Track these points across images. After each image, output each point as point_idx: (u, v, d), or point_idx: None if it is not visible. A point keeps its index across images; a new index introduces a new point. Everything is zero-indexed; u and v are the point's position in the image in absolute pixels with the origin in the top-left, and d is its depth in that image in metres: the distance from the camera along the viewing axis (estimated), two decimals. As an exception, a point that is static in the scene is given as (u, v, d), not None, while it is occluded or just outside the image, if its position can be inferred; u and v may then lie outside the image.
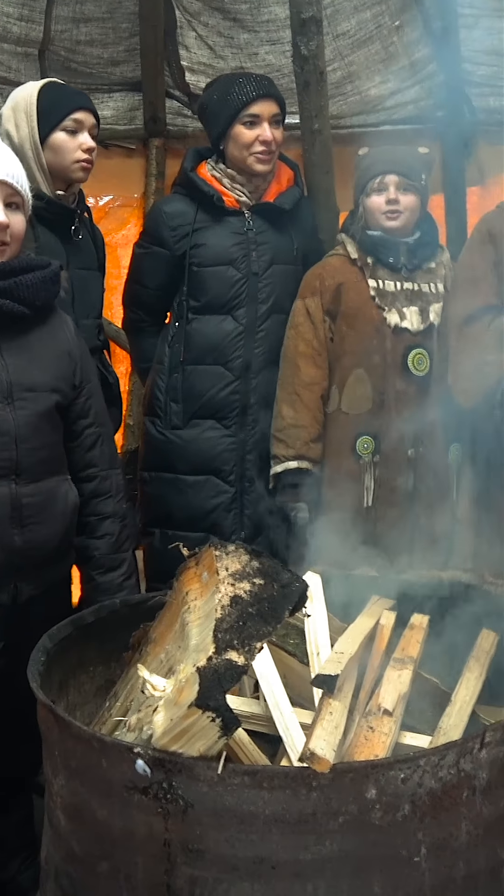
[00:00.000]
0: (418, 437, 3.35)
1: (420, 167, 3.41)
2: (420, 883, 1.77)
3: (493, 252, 3.31)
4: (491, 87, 4.94)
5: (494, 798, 1.82)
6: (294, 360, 3.40)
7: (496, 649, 2.38)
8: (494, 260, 3.30)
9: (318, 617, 2.26)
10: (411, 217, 3.39)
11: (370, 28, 4.65)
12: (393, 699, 2.05)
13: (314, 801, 1.71)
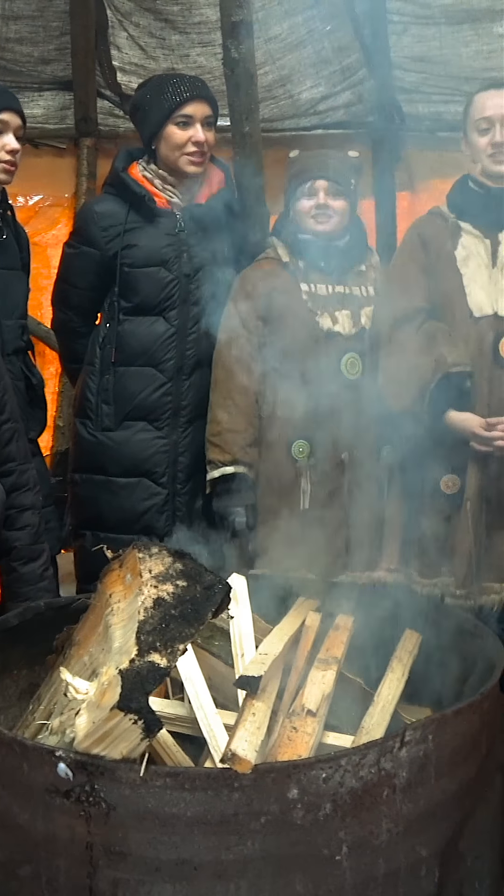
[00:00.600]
0: (352, 441, 3.38)
1: (349, 172, 3.44)
2: (341, 881, 1.79)
3: (424, 257, 3.35)
4: (420, 94, 5.01)
5: (414, 796, 1.85)
6: (227, 364, 3.40)
7: (419, 649, 2.42)
8: (425, 264, 3.34)
9: (243, 618, 2.27)
10: (341, 221, 3.42)
11: (301, 32, 4.69)
12: (316, 699, 2.06)
13: (236, 801, 1.72)
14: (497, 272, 3.23)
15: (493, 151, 3.22)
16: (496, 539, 3.25)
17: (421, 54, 4.86)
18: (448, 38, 4.76)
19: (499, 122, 3.21)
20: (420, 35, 4.81)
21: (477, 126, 3.25)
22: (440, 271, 3.30)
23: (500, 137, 3.21)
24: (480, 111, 3.25)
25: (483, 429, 3.14)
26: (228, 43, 3.63)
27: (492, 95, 3.26)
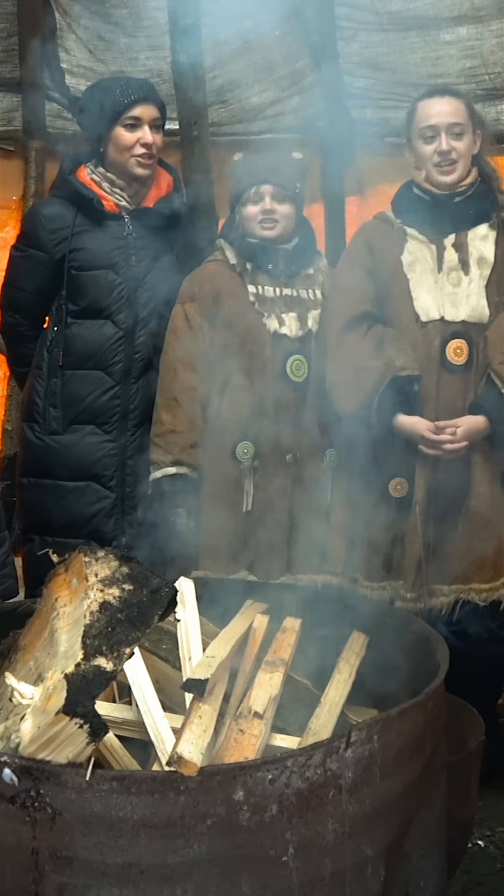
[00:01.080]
0: (296, 443, 3.39)
1: (295, 175, 3.45)
2: (288, 882, 1.80)
3: (371, 261, 3.37)
4: (369, 99, 5.04)
5: (360, 796, 1.86)
6: (173, 365, 3.40)
7: (365, 651, 2.44)
8: (372, 268, 3.37)
9: (190, 622, 2.28)
10: (287, 225, 3.43)
11: (250, 37, 4.70)
12: (263, 702, 2.07)
13: (182, 804, 1.72)
14: (443, 277, 3.26)
15: (439, 160, 3.25)
16: (444, 542, 3.28)
17: (369, 60, 4.90)
18: (396, 45, 4.81)
19: (444, 130, 3.24)
20: (368, 41, 4.85)
21: (422, 134, 3.28)
22: (387, 276, 3.32)
23: (446, 145, 3.24)
24: (425, 119, 3.28)
25: (431, 432, 3.17)
26: (177, 47, 3.64)
27: (435, 103, 3.29)
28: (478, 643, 3.26)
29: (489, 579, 3.25)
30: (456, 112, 3.26)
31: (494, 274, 3.26)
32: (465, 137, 3.28)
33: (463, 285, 3.24)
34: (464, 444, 3.17)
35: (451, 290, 3.24)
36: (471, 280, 3.24)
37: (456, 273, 3.25)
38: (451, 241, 3.29)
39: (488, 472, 3.26)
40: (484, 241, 3.28)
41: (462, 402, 3.24)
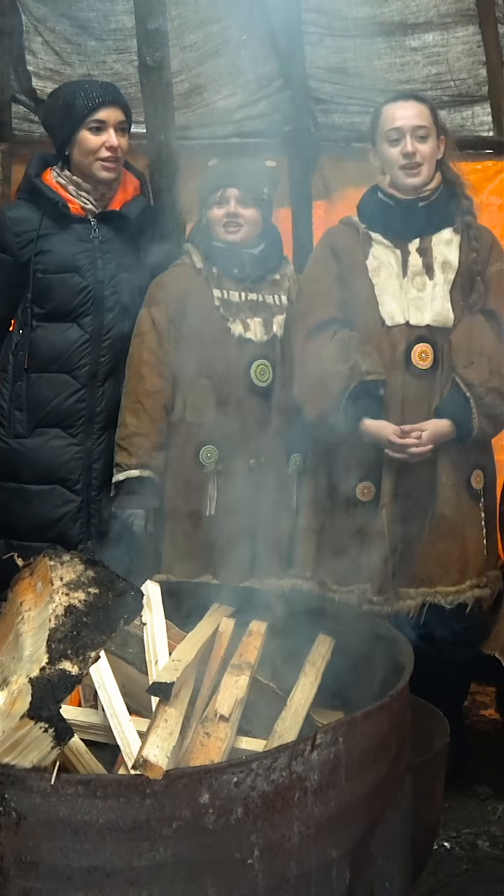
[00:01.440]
0: (260, 447, 3.40)
1: (262, 181, 3.46)
2: (254, 884, 1.81)
3: (337, 266, 3.39)
4: (336, 105, 5.05)
5: (325, 798, 1.87)
6: (138, 368, 3.40)
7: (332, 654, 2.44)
8: (337, 273, 3.38)
9: (156, 625, 2.28)
10: (252, 230, 3.44)
11: (217, 41, 4.70)
12: (229, 705, 2.08)
13: (148, 807, 1.72)
14: (407, 282, 3.28)
15: (405, 163, 3.28)
16: (411, 545, 3.29)
17: (336, 65, 4.91)
18: (362, 50, 4.82)
19: (409, 133, 3.27)
20: (335, 47, 4.85)
21: (387, 137, 3.30)
22: (352, 281, 3.34)
23: (411, 147, 3.26)
24: (390, 122, 3.30)
25: (397, 436, 3.18)
26: (144, 50, 3.64)
27: (400, 106, 3.31)
28: (444, 646, 3.28)
29: (455, 582, 3.28)
30: (420, 115, 3.29)
31: (459, 278, 3.29)
32: (430, 141, 3.30)
33: (427, 290, 3.27)
34: (429, 447, 3.19)
35: (416, 295, 3.27)
36: (435, 284, 3.27)
37: (420, 278, 3.28)
38: (416, 246, 3.32)
39: (454, 476, 3.28)
40: (448, 246, 3.31)
41: (427, 405, 3.26)
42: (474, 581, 3.31)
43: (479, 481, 3.36)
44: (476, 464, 3.35)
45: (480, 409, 3.21)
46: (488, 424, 3.25)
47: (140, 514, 3.37)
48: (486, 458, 3.42)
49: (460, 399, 3.22)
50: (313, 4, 4.75)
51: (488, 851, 3.13)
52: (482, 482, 3.37)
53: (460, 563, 3.29)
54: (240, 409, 3.37)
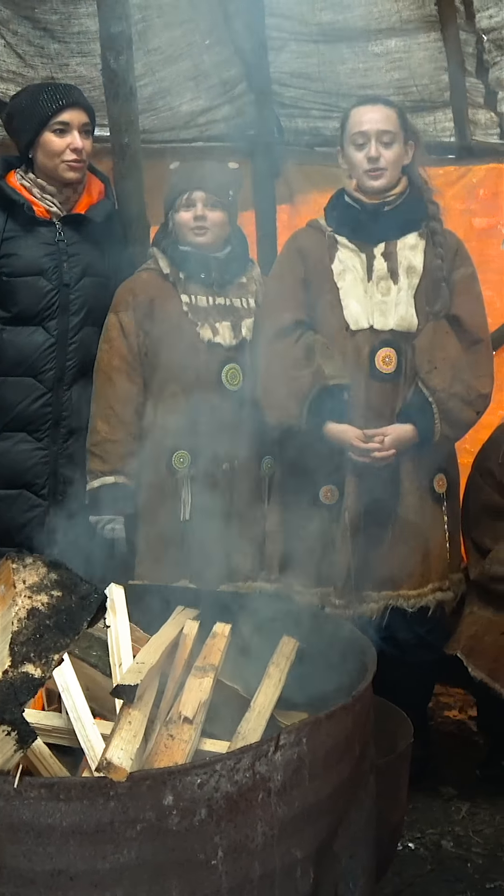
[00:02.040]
0: (232, 451, 3.41)
1: (228, 183, 3.47)
2: (217, 885, 1.81)
3: (302, 269, 3.40)
4: (299, 109, 5.07)
5: (289, 799, 1.88)
6: (108, 374, 3.40)
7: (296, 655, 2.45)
8: (303, 276, 3.40)
9: (120, 628, 2.28)
10: (220, 233, 3.45)
11: (181, 45, 4.69)
12: (193, 707, 2.08)
13: (112, 810, 1.72)
14: (372, 286, 3.30)
15: (370, 167, 3.30)
16: (374, 549, 3.31)
17: (299, 70, 4.92)
18: (326, 56, 4.84)
19: (374, 137, 3.29)
20: (298, 52, 4.87)
21: (353, 140, 3.33)
22: (317, 284, 3.36)
23: (375, 152, 3.28)
24: (357, 125, 3.32)
25: (360, 440, 3.20)
26: (107, 54, 3.64)
27: (367, 110, 3.34)
28: (407, 648, 3.31)
29: (417, 585, 3.31)
30: (387, 120, 3.31)
31: (423, 283, 3.31)
32: (395, 146, 3.32)
33: (392, 294, 3.29)
34: (392, 451, 3.21)
35: (381, 299, 3.28)
36: (400, 289, 3.29)
37: (385, 282, 3.30)
38: (381, 250, 3.34)
39: (416, 480, 3.31)
40: (413, 251, 3.33)
41: (391, 409, 3.29)
42: (437, 584, 3.34)
43: (442, 485, 3.39)
44: (439, 468, 3.38)
45: (443, 414, 3.23)
46: (450, 429, 3.28)
47: (118, 520, 3.36)
48: (449, 462, 3.45)
49: (423, 404, 3.25)
50: (277, 10, 4.76)
51: (452, 851, 3.15)
52: (445, 486, 3.40)
53: (423, 566, 3.31)
54: (211, 413, 3.37)
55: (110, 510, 3.37)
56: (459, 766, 3.67)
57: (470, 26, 4.62)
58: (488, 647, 3.31)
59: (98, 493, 3.37)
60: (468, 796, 3.48)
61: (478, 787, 3.54)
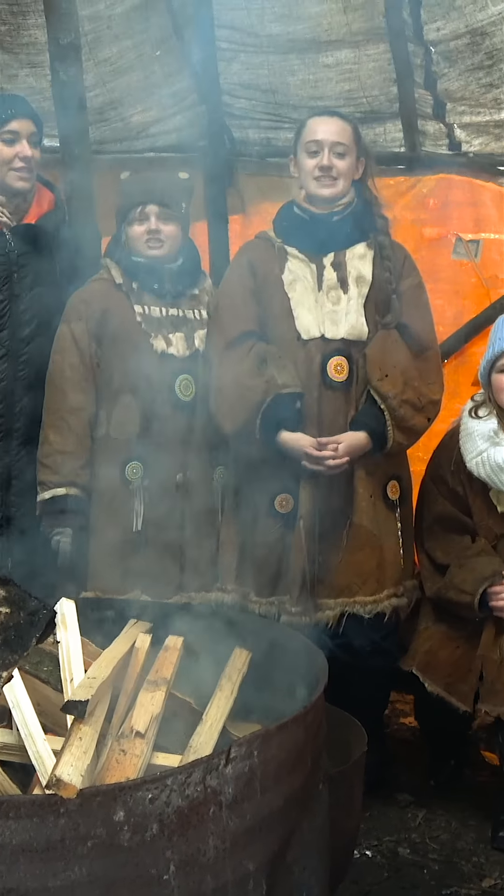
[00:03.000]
0: (186, 462, 3.41)
1: (180, 195, 3.48)
2: (170, 900, 1.81)
3: (253, 280, 3.42)
4: (250, 120, 5.09)
5: (241, 812, 1.88)
6: (60, 385, 3.38)
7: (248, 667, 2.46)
8: (253, 287, 3.41)
9: (71, 643, 2.26)
10: (173, 245, 3.45)
11: (131, 57, 4.70)
12: (145, 721, 2.08)
13: (62, 827, 1.71)
14: (322, 296, 3.32)
15: (320, 174, 3.33)
16: (329, 556, 3.32)
17: (250, 81, 4.94)
18: (276, 67, 4.86)
19: (328, 147, 3.32)
20: (249, 63, 4.88)
21: (307, 148, 3.35)
22: (268, 295, 3.37)
23: (327, 161, 3.31)
24: (312, 134, 3.35)
25: (314, 448, 3.21)
26: (56, 65, 3.63)
27: (324, 121, 3.37)
28: (362, 655, 3.32)
29: (373, 592, 3.32)
30: (341, 132, 3.35)
31: (372, 292, 3.34)
32: (348, 158, 3.36)
33: (342, 303, 3.31)
34: (345, 459, 3.23)
35: (331, 309, 3.31)
36: (349, 298, 3.31)
37: (335, 291, 3.32)
38: (331, 260, 3.36)
39: (370, 487, 3.33)
40: (362, 261, 3.36)
41: (343, 418, 3.31)
42: (392, 590, 3.36)
43: (395, 492, 3.41)
44: (392, 475, 3.41)
45: (395, 420, 3.27)
46: (402, 436, 3.31)
47: (67, 532, 3.34)
48: (402, 469, 3.48)
49: (375, 411, 3.27)
50: (226, 21, 4.77)
51: (409, 858, 3.17)
52: (398, 493, 3.42)
53: (378, 572, 3.33)
54: (165, 424, 3.37)
55: (61, 522, 3.35)
56: (415, 773, 3.69)
57: (418, 38, 4.67)
58: (443, 662, 3.33)
59: (49, 505, 3.35)
60: (424, 803, 3.50)
61: (434, 794, 3.56)
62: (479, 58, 4.63)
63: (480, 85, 4.72)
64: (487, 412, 3.38)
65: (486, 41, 4.55)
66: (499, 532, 3.38)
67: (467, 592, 3.26)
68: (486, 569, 3.27)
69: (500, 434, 3.32)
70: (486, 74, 4.67)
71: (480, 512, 3.40)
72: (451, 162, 4.98)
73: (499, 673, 3.22)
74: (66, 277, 3.56)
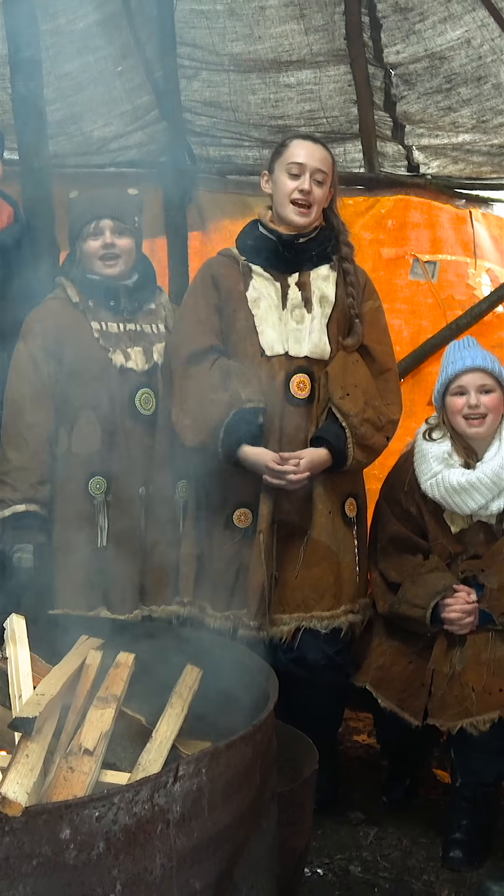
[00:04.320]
0: (148, 476, 3.40)
1: (132, 210, 3.48)
2: (116, 919, 1.79)
3: (216, 295, 3.42)
4: (211, 137, 5.11)
5: (188, 830, 1.87)
6: (18, 402, 3.36)
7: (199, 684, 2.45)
8: (217, 303, 3.41)
9: (20, 659, 2.24)
10: (128, 259, 3.45)
11: (93, 72, 4.71)
12: (94, 738, 2.06)
13: (7, 845, 1.69)
14: (287, 314, 3.33)
15: (298, 197, 3.33)
16: (287, 571, 3.33)
17: (210, 99, 4.97)
18: (237, 85, 4.89)
19: (309, 172, 3.33)
20: (210, 81, 4.92)
21: (288, 169, 3.35)
22: (232, 311, 3.38)
23: (308, 186, 3.32)
24: (295, 156, 3.35)
25: (276, 463, 3.22)
26: (16, 79, 3.64)
27: (309, 146, 3.38)
28: (317, 670, 3.32)
29: (330, 607, 3.32)
30: (323, 160, 3.38)
31: (335, 312, 3.37)
32: (324, 187, 3.39)
33: (306, 322, 3.33)
34: (306, 474, 3.24)
35: (295, 327, 3.32)
36: (313, 317, 3.34)
37: (299, 310, 3.34)
38: (295, 280, 3.38)
39: (329, 503, 3.34)
40: (325, 281, 3.39)
41: (305, 434, 3.32)
42: (348, 606, 3.37)
43: (353, 509, 3.43)
44: (349, 492, 3.43)
45: (355, 438, 3.29)
46: (362, 454, 3.33)
47: (27, 548, 3.31)
48: (359, 487, 3.51)
49: (336, 429, 3.29)
50: (188, 39, 4.80)
51: (360, 877, 3.16)
52: (355, 510, 3.44)
53: (336, 588, 3.34)
54: (126, 438, 3.37)
55: (20, 538, 3.33)
56: (367, 791, 3.69)
57: (378, 61, 4.73)
58: (396, 677, 3.34)
59: (8, 522, 3.33)
60: (376, 821, 3.50)
61: (385, 812, 3.56)
62: (437, 81, 4.70)
63: (439, 108, 4.80)
64: (441, 434, 3.42)
65: (444, 65, 4.63)
66: (452, 551, 3.41)
67: (420, 606, 3.28)
68: (439, 583, 3.29)
69: (453, 456, 3.36)
70: (445, 98, 4.75)
71: (434, 532, 3.43)
72: (409, 183, 5.04)
73: (449, 687, 3.23)
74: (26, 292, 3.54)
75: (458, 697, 3.20)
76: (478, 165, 5.03)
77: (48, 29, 4.33)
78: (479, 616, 3.28)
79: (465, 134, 4.87)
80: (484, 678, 3.20)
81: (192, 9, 4.73)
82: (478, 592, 3.30)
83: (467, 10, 4.45)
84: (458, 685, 3.21)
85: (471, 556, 3.41)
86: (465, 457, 3.38)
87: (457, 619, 3.25)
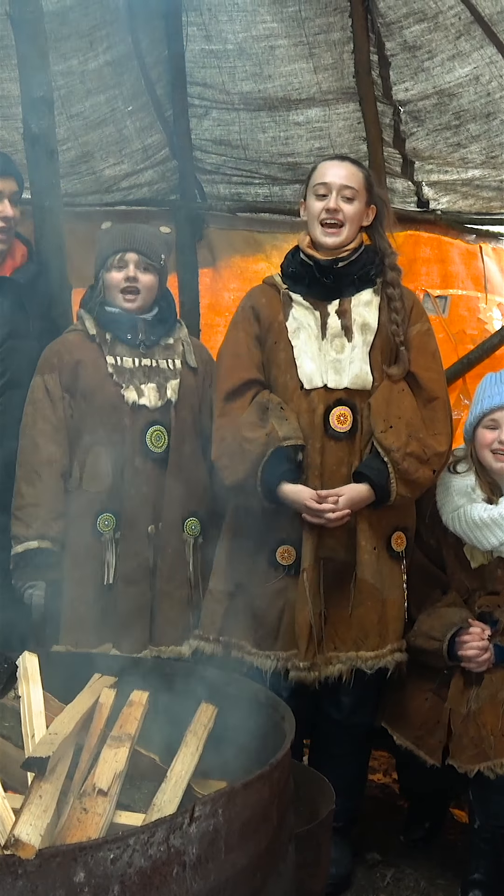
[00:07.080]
0: (157, 514, 3.37)
1: (160, 247, 3.47)
2: None
3: (256, 326, 3.37)
4: (221, 175, 5.15)
5: (205, 872, 1.83)
6: (33, 437, 3.35)
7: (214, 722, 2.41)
8: (257, 334, 3.36)
9: (34, 698, 2.22)
10: (149, 296, 3.44)
11: (104, 111, 4.76)
12: (108, 778, 2.03)
13: (20, 888, 1.66)
14: (326, 343, 3.26)
15: (326, 217, 3.30)
16: (335, 609, 3.26)
17: (221, 137, 5.02)
18: (247, 124, 4.94)
19: (336, 190, 3.29)
20: (220, 119, 4.97)
21: (315, 190, 3.33)
22: (272, 342, 3.32)
23: (335, 204, 3.28)
24: (321, 177, 3.32)
25: (314, 501, 3.16)
26: (28, 118, 3.66)
27: (334, 165, 3.34)
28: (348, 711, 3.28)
29: (375, 647, 3.25)
30: (351, 177, 3.31)
31: (378, 339, 3.28)
32: (356, 204, 3.31)
33: (346, 352, 3.25)
34: (346, 512, 3.16)
35: (335, 357, 3.24)
36: (354, 346, 3.25)
37: (339, 339, 3.26)
38: (335, 308, 3.30)
39: (373, 539, 3.24)
40: (367, 307, 3.30)
41: (347, 468, 3.23)
42: (395, 645, 3.27)
43: (401, 543, 3.31)
44: (397, 525, 3.31)
45: (398, 474, 3.18)
46: (406, 489, 3.22)
47: (40, 585, 3.28)
48: (408, 520, 3.39)
49: (378, 464, 3.19)
50: (198, 78, 4.85)
51: (377, 919, 3.12)
52: (404, 544, 3.33)
53: (380, 627, 3.24)
54: (136, 475, 3.34)
55: (33, 575, 3.30)
56: (384, 831, 3.63)
57: (387, 98, 4.76)
58: (413, 713, 3.28)
59: (21, 558, 3.31)
60: (393, 862, 3.44)
61: (402, 852, 3.51)
62: (446, 118, 4.73)
63: (448, 144, 4.82)
64: (466, 468, 3.36)
65: (453, 102, 4.66)
66: (471, 587, 3.35)
67: (436, 639, 3.22)
68: (455, 616, 3.23)
69: (476, 490, 3.30)
70: (454, 134, 4.77)
71: (453, 566, 3.38)
72: (419, 219, 5.06)
73: (465, 727, 3.17)
74: (40, 330, 3.55)
75: (474, 739, 3.14)
76: (487, 201, 5.05)
77: (60, 69, 4.38)
78: (495, 652, 3.23)
79: (475, 169, 4.90)
80: (500, 720, 3.14)
81: (203, 48, 4.78)
82: (492, 628, 3.26)
83: (475, 48, 4.49)
84: (475, 726, 3.15)
85: (489, 592, 3.35)
86: (488, 492, 3.31)
87: (474, 657, 3.20)
